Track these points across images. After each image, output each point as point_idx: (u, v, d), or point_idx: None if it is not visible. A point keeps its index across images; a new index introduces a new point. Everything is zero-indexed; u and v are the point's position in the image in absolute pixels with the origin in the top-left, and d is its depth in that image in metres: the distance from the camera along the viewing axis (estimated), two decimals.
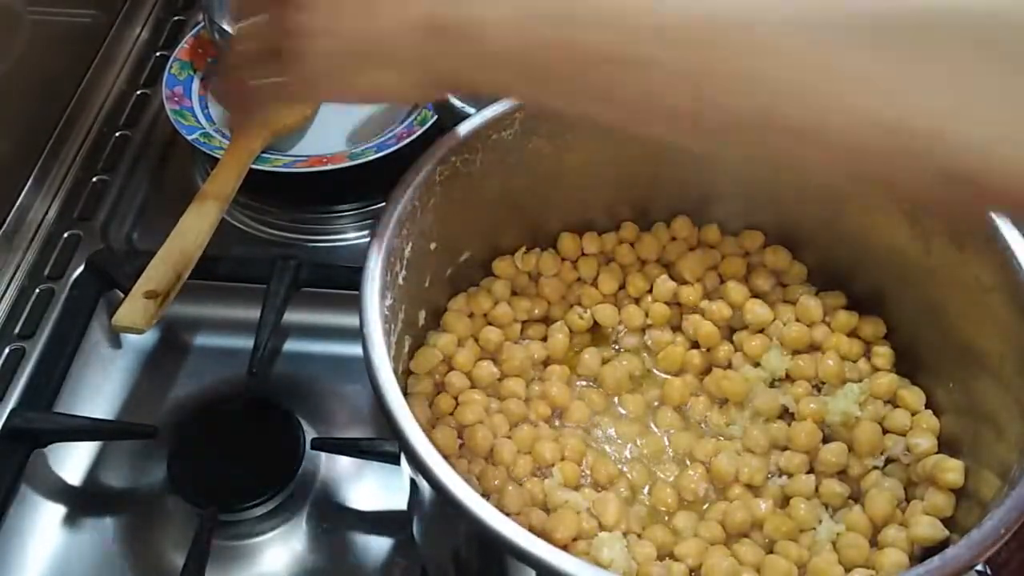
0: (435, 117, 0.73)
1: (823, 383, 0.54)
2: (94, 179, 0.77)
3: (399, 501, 0.60)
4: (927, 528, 0.46)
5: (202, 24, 0.80)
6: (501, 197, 0.54)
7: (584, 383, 0.56)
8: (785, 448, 0.52)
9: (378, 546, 0.59)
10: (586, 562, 0.38)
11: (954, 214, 0.45)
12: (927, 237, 0.50)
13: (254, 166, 0.73)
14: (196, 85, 0.79)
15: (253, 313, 0.66)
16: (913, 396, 0.51)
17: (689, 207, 0.59)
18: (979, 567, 0.41)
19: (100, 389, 0.66)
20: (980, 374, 0.48)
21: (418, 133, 0.74)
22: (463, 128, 0.51)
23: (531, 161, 0.54)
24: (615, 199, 0.59)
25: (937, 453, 0.49)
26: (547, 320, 0.57)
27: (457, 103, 0.65)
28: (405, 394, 0.50)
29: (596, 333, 0.58)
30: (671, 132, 0.37)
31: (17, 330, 0.67)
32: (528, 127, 0.52)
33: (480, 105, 0.53)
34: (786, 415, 0.54)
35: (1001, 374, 0.46)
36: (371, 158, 0.73)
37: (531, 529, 0.41)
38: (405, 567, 0.58)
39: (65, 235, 0.73)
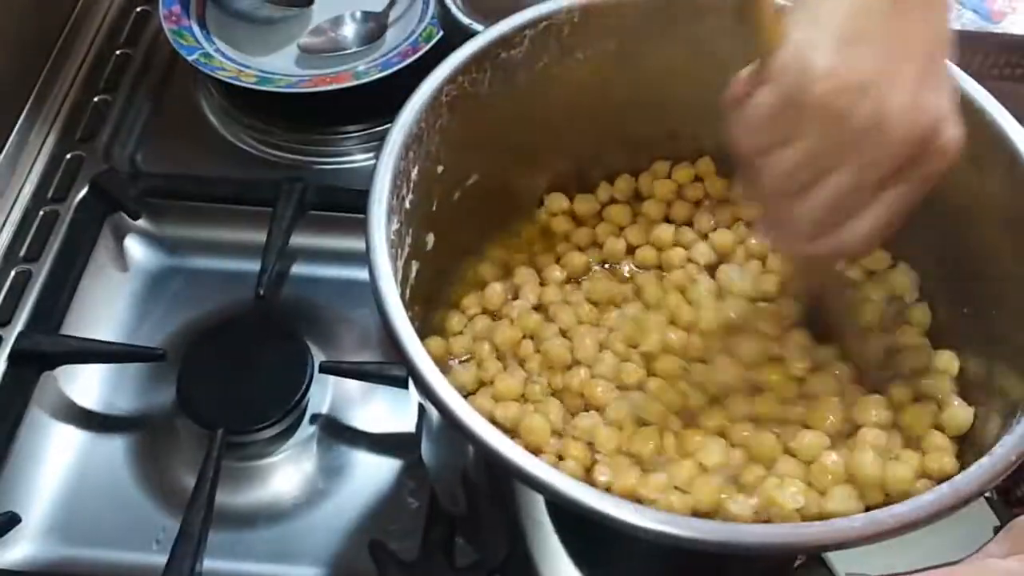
0: (440, 34, 0.72)
1: None
2: (95, 99, 0.76)
3: (407, 424, 0.60)
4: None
5: None
6: (510, 119, 0.53)
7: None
8: None
9: (387, 468, 0.60)
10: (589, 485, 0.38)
11: None
12: None
13: (256, 87, 0.72)
14: (194, 4, 0.77)
15: (259, 236, 0.66)
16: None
17: (710, 141, 0.57)
18: (988, 492, 0.41)
19: (107, 311, 0.66)
20: (997, 305, 0.47)
21: (424, 50, 0.73)
22: (470, 46, 0.50)
23: (541, 82, 0.52)
24: (631, 126, 0.57)
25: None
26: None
27: (464, 19, 0.63)
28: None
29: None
30: None
31: (23, 253, 0.67)
32: (538, 45, 0.51)
33: (488, 22, 0.51)
34: None
35: (1017, 301, 0.45)
36: (376, 77, 0.72)
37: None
38: (413, 488, 0.59)
39: (68, 157, 0.72)
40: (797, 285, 0.51)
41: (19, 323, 0.64)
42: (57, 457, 0.60)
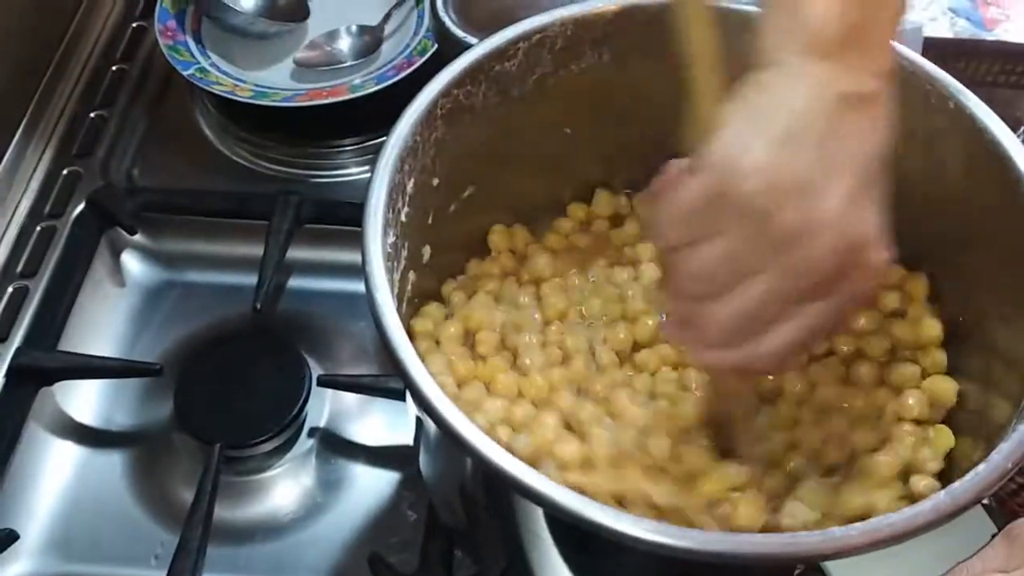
0: (435, 47, 0.72)
1: None
2: (92, 115, 0.76)
3: (405, 436, 0.60)
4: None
5: None
6: (505, 132, 0.53)
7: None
8: None
9: (385, 481, 0.60)
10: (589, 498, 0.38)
11: None
12: (940, 164, 0.49)
13: (253, 101, 0.72)
14: (190, 19, 0.78)
15: (256, 250, 0.66)
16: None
17: None
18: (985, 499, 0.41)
19: (105, 327, 0.66)
20: (991, 307, 0.47)
21: (419, 63, 0.73)
22: (465, 59, 0.50)
23: (535, 94, 0.53)
24: (627, 137, 0.57)
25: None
26: None
27: (459, 32, 0.63)
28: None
29: None
30: None
31: (20, 269, 0.67)
32: (532, 58, 0.51)
33: (481, 35, 0.51)
34: None
35: (1013, 308, 0.45)
36: (371, 90, 0.72)
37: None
38: (412, 501, 0.58)
39: (64, 172, 0.72)
40: (707, 394, 0.48)
41: (16, 339, 0.63)
42: (55, 473, 0.60)
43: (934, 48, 0.71)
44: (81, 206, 0.70)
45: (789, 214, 0.35)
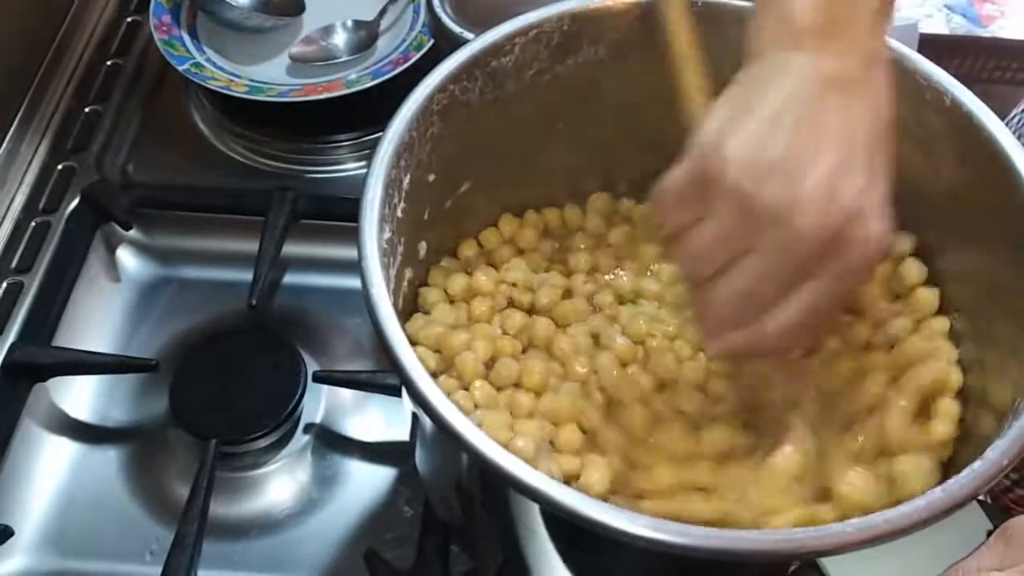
0: (431, 42, 0.72)
1: None
2: (86, 110, 0.76)
3: (401, 432, 0.60)
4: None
5: None
6: (501, 127, 0.53)
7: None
8: None
9: (381, 476, 0.60)
10: (586, 495, 0.38)
11: None
12: (936, 162, 0.50)
13: (248, 96, 0.72)
14: (185, 14, 0.77)
15: (252, 245, 0.66)
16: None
17: None
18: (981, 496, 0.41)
19: (99, 322, 0.66)
20: (988, 303, 0.47)
21: (415, 59, 0.73)
22: (460, 55, 0.50)
23: (532, 90, 0.52)
24: (628, 133, 0.57)
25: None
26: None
27: (455, 27, 0.63)
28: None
29: None
30: None
31: (14, 264, 0.67)
32: (528, 53, 0.51)
33: (477, 30, 0.51)
34: None
35: (1009, 304, 0.45)
36: (367, 85, 0.72)
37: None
38: (408, 497, 0.59)
39: (59, 167, 0.72)
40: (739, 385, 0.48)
41: (11, 335, 0.63)
42: (50, 469, 0.60)
43: (930, 45, 0.71)
44: (76, 201, 0.70)
45: (770, 193, 0.36)
